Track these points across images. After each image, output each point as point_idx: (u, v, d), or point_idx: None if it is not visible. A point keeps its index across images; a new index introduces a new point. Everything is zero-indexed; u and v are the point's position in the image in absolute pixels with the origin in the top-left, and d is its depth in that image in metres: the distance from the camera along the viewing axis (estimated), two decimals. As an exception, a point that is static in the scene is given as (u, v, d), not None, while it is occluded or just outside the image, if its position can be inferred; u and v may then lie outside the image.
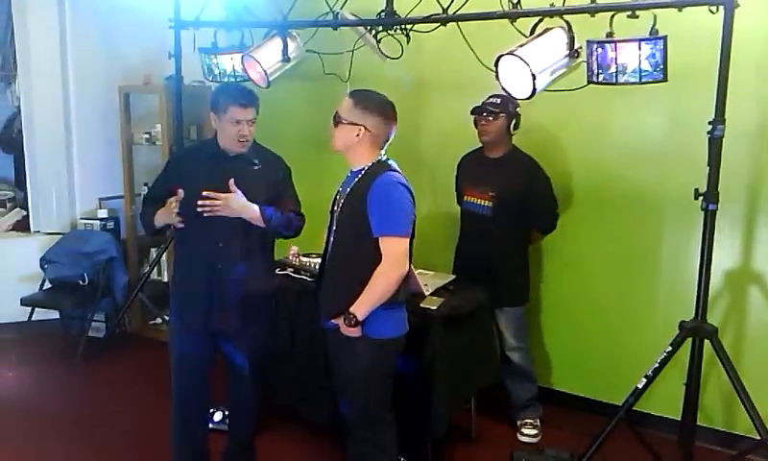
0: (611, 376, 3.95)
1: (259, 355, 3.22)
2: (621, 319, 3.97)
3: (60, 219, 5.42)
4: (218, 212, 2.87)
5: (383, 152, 2.80)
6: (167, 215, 2.97)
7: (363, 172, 2.75)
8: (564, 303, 4.15)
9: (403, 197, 2.71)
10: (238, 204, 2.90)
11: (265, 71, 3.84)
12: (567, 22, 2.98)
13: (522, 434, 3.84)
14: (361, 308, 2.66)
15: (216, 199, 2.86)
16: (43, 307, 4.97)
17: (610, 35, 2.95)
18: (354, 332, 2.69)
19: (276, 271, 3.76)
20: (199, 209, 2.86)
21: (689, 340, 3.06)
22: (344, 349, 2.79)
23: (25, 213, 5.62)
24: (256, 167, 3.06)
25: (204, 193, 2.85)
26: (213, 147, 3.07)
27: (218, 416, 3.78)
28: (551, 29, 3.02)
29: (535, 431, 3.84)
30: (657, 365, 3.12)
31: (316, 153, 4.29)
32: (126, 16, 5.13)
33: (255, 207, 2.94)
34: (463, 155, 3.96)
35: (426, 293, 3.44)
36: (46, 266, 5.07)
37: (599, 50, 2.94)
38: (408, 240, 2.72)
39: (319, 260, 3.78)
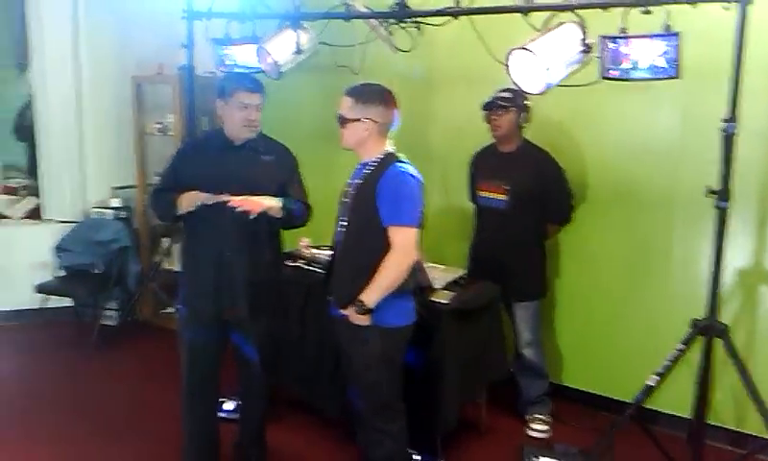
0: (620, 373, 3.94)
1: (268, 345, 3.24)
2: (632, 316, 3.95)
3: (72, 207, 5.45)
4: (242, 208, 2.84)
5: (390, 141, 2.83)
6: (191, 202, 2.94)
7: (373, 163, 2.80)
8: (575, 300, 4.13)
9: (413, 187, 2.76)
10: (259, 200, 2.88)
11: (276, 62, 3.84)
12: (580, 17, 2.96)
13: (531, 429, 3.84)
14: (370, 296, 2.71)
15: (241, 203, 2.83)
16: (58, 295, 5.01)
17: (623, 30, 2.93)
18: (364, 320, 2.74)
19: (287, 262, 3.77)
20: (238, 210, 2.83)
21: (700, 338, 3.05)
22: (353, 337, 2.83)
23: (38, 201, 5.66)
24: (265, 157, 3.06)
25: (229, 202, 2.82)
26: (220, 137, 3.07)
27: (230, 405, 3.80)
28: (564, 24, 3.01)
29: (544, 427, 3.84)
30: (668, 363, 3.11)
31: (327, 145, 4.26)
32: (139, 6, 5.14)
33: (272, 199, 2.93)
34: (475, 151, 3.95)
35: (436, 287, 3.44)
36: (60, 254, 5.12)
37: (612, 45, 2.93)
38: (417, 230, 2.75)
39: (330, 253, 3.83)
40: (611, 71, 2.96)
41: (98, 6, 5.28)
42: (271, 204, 2.93)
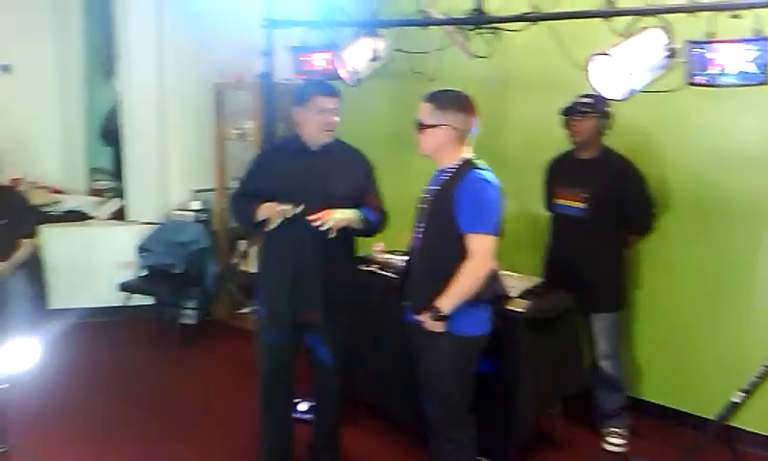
0: (702, 388, 3.82)
1: (342, 348, 3.28)
2: (715, 329, 3.81)
3: (154, 209, 5.64)
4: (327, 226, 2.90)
5: (469, 148, 2.82)
6: (270, 211, 3.01)
7: (450, 170, 2.79)
8: (655, 311, 4.01)
9: (491, 194, 2.75)
10: (339, 215, 2.93)
11: (353, 70, 3.89)
12: (665, 22, 2.89)
13: (608, 443, 3.75)
14: (446, 303, 2.70)
15: (320, 217, 2.89)
16: (140, 293, 5.18)
17: (710, 35, 2.84)
18: (438, 327, 2.73)
19: (362, 267, 3.81)
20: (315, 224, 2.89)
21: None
22: (426, 344, 2.83)
23: (122, 203, 5.87)
24: (341, 162, 3.11)
25: (311, 218, 2.89)
26: (297, 143, 3.13)
27: (303, 406, 3.83)
28: (648, 28, 2.93)
29: (621, 441, 3.75)
30: (754, 379, 3.00)
31: (401, 152, 4.29)
32: (220, 16, 5.27)
33: (353, 212, 2.99)
34: (553, 157, 3.90)
35: (511, 295, 3.41)
36: (143, 254, 5.30)
37: (699, 51, 2.84)
38: (495, 238, 2.73)
39: (404, 258, 3.85)
40: (697, 77, 2.87)
41: (181, 16, 5.44)
42: (351, 217, 2.98)
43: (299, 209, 2.93)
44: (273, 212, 2.99)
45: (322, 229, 2.88)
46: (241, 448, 3.59)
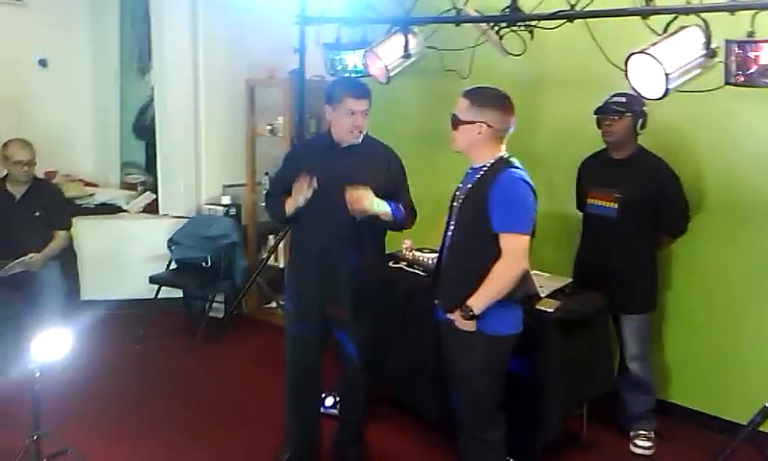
0: (731, 393, 3.76)
1: (370, 345, 3.28)
2: (746, 333, 3.75)
3: (186, 204, 5.70)
4: (358, 207, 2.91)
5: (504, 147, 2.79)
6: (296, 197, 3.03)
7: (485, 168, 2.76)
8: (687, 313, 3.95)
9: (526, 194, 2.72)
10: (372, 201, 2.94)
11: (386, 67, 3.89)
12: (704, 20, 2.85)
13: (636, 445, 3.71)
14: (478, 302, 2.68)
15: (356, 194, 2.90)
16: (170, 286, 5.24)
17: (750, 34, 2.79)
18: (470, 326, 2.71)
19: (390, 263, 3.82)
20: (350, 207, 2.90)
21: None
22: (457, 342, 2.81)
23: (155, 197, 5.94)
24: (369, 159, 3.11)
25: (347, 190, 2.90)
26: (327, 140, 3.15)
27: (329, 401, 3.84)
28: (686, 27, 2.89)
29: (648, 444, 3.70)
30: (788, 385, 2.95)
31: (432, 149, 4.31)
32: (253, 13, 5.31)
33: (384, 205, 2.99)
34: (585, 157, 3.86)
35: (542, 295, 3.38)
36: (173, 247, 5.36)
37: (739, 50, 2.79)
38: (529, 237, 2.71)
39: (432, 255, 3.85)
40: (737, 76, 2.83)
41: (215, 13, 5.50)
42: (381, 209, 2.98)
43: (314, 183, 2.95)
44: (295, 190, 3.01)
45: (351, 205, 2.89)
46: (268, 443, 3.60)
